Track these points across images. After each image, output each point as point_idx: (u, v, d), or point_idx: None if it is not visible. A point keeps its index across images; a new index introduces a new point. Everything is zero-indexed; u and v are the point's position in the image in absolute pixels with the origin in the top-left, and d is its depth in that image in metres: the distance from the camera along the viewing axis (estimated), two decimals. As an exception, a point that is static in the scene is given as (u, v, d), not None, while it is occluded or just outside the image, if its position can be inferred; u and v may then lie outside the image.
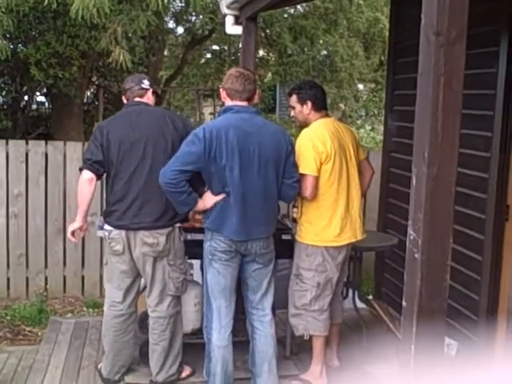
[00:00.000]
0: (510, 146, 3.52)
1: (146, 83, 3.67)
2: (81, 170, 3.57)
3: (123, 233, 3.48)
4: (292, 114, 3.80)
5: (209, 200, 3.29)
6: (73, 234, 3.64)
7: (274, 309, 3.55)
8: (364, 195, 4.70)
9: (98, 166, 3.50)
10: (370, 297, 5.27)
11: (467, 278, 3.76)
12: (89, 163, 3.49)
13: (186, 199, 3.23)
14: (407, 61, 4.74)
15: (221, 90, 3.43)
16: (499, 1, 3.48)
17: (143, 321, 3.81)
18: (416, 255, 1.82)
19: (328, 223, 3.57)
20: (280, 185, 3.37)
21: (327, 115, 3.76)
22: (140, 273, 3.59)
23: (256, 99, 3.43)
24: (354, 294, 4.48)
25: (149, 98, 3.67)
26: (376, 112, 10.52)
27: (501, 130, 3.50)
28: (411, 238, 1.84)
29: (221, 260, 3.30)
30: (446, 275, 1.82)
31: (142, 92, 3.64)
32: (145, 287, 3.67)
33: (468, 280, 3.75)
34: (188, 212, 3.57)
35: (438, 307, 1.83)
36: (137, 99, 3.63)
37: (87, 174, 3.49)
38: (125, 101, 3.70)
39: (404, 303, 1.89)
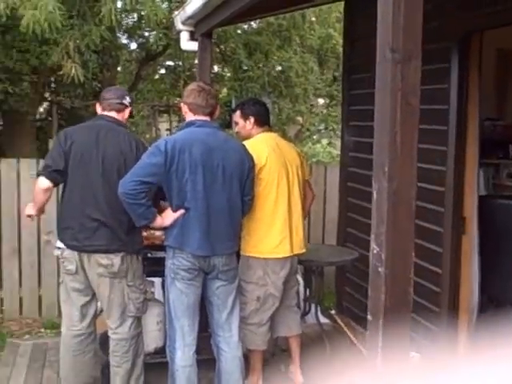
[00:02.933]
0: (465, 159, 3.61)
1: (127, 100, 3.58)
2: (38, 175, 3.42)
3: (76, 253, 3.38)
4: (236, 129, 3.93)
5: (168, 217, 3.25)
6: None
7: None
8: (307, 215, 4.75)
9: (57, 175, 3.36)
10: (333, 311, 5.30)
11: (428, 290, 3.81)
12: (48, 170, 3.34)
13: (144, 212, 3.17)
14: (361, 77, 4.82)
15: (182, 104, 3.43)
16: (450, 18, 3.58)
17: (105, 342, 3.73)
18: (380, 269, 1.83)
19: (265, 234, 3.62)
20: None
21: (269, 131, 3.87)
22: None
23: (217, 114, 3.44)
24: (316, 308, 4.50)
25: (124, 116, 3.57)
26: (335, 126, 10.66)
27: (455, 143, 3.58)
28: (374, 252, 1.86)
29: (183, 279, 3.25)
30: (410, 288, 1.84)
31: (120, 107, 3.53)
32: (102, 309, 3.58)
33: (428, 292, 3.80)
34: (145, 227, 3.53)
35: (403, 320, 1.84)
36: (112, 113, 3.50)
37: (44, 183, 3.34)
38: (99, 110, 3.56)
39: (369, 317, 1.90)
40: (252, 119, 3.76)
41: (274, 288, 3.64)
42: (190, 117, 3.35)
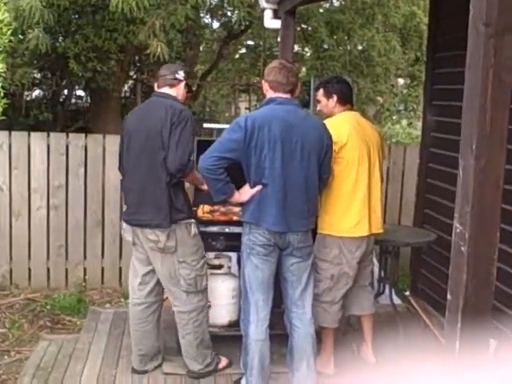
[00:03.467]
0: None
1: (180, 74, 3.59)
2: None
3: (129, 227, 3.57)
4: (318, 107, 3.90)
5: (246, 193, 3.30)
6: None
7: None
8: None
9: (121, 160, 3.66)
10: (407, 293, 5.23)
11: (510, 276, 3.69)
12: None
13: (223, 187, 3.23)
14: (447, 55, 4.69)
15: (263, 82, 3.44)
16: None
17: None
18: (462, 248, 1.80)
19: (344, 213, 3.59)
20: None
21: (352, 110, 3.81)
22: None
23: (297, 92, 3.44)
24: (390, 289, 4.45)
25: (179, 90, 3.59)
26: (415, 107, 10.39)
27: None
28: (457, 231, 1.82)
29: (259, 254, 3.29)
30: (493, 269, 1.80)
31: (174, 82, 3.57)
32: None
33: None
34: (223, 202, 3.61)
35: (484, 301, 1.81)
36: (165, 88, 3.57)
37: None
38: (156, 88, 3.65)
39: (449, 296, 1.87)
40: (335, 97, 3.72)
41: (348, 267, 3.63)
42: (270, 94, 3.36)
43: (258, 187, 3.26)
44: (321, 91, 3.80)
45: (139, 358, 3.75)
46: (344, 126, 3.61)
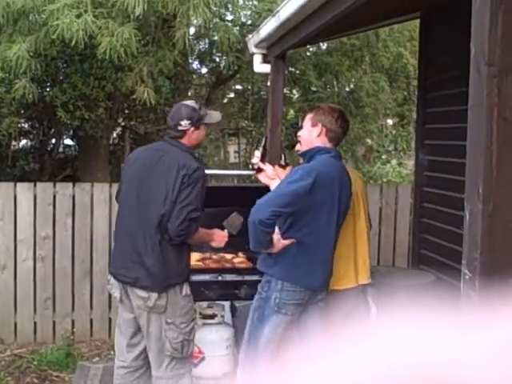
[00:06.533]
0: None
1: (183, 124, 3.22)
2: None
3: (117, 282, 3.27)
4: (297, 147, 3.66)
5: (278, 245, 3.11)
6: None
7: None
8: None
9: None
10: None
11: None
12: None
13: (268, 241, 3.01)
14: (438, 94, 4.67)
15: (320, 125, 3.16)
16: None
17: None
18: (473, 296, 1.69)
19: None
20: None
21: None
22: None
23: None
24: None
25: (190, 137, 3.27)
26: (404, 147, 10.40)
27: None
28: (467, 278, 1.72)
29: (287, 314, 3.15)
30: (509, 320, 1.69)
31: (176, 135, 3.27)
32: None
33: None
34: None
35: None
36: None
37: None
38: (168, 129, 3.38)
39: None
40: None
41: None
42: (321, 141, 3.16)
43: (292, 240, 3.07)
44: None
45: None
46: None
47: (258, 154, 3.46)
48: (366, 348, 0.57)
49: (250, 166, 3.55)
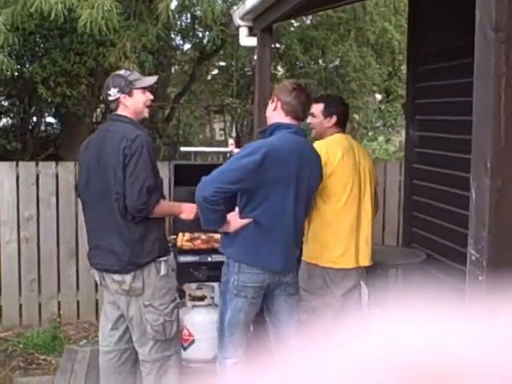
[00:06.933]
0: None
1: (112, 93, 3.07)
2: None
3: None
4: (309, 121, 3.54)
5: (235, 224, 3.02)
6: None
7: None
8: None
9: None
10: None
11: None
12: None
13: (218, 218, 2.90)
14: (428, 68, 4.58)
15: (275, 100, 3.07)
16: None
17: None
18: (480, 278, 1.62)
19: (328, 243, 3.35)
20: None
21: (343, 131, 3.61)
22: None
23: None
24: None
25: (125, 106, 3.09)
26: (393, 122, 10.30)
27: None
28: (473, 258, 1.64)
29: (247, 297, 3.08)
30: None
31: (114, 105, 3.10)
32: None
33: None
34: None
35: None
36: (119, 110, 3.13)
37: None
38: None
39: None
40: (334, 118, 3.49)
41: (333, 298, 3.46)
42: (279, 117, 3.05)
43: (248, 220, 2.95)
44: (321, 106, 3.50)
45: None
46: (336, 150, 3.38)
47: (231, 141, 3.42)
48: (357, 346, 0.49)
49: (228, 155, 3.48)
